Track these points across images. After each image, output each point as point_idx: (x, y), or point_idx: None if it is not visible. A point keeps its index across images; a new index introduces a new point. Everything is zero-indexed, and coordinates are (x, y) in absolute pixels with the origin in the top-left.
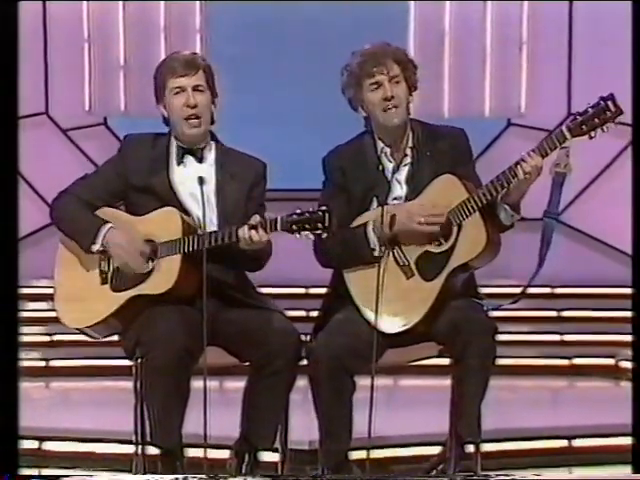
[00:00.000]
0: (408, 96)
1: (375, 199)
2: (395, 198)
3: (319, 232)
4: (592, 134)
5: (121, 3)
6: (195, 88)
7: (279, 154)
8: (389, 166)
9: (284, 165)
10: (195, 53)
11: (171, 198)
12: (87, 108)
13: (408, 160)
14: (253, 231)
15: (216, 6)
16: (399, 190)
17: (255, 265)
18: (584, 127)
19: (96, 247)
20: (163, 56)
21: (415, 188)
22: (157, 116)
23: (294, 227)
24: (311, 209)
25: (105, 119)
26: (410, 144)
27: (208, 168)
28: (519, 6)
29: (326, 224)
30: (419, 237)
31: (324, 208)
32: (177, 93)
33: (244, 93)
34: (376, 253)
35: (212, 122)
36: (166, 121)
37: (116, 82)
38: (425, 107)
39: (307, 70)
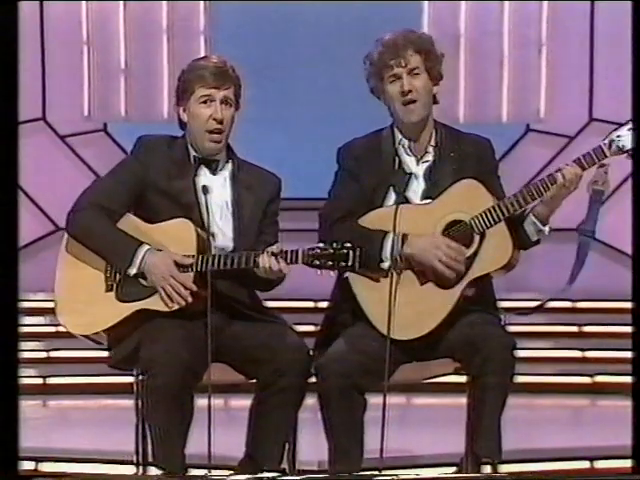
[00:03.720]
0: (431, 88)
1: (392, 189)
2: (412, 192)
3: (342, 270)
4: (631, 153)
5: (121, 3)
6: (224, 101)
7: (286, 159)
8: (407, 159)
9: (290, 171)
10: (225, 61)
11: (193, 207)
12: (86, 113)
13: (430, 157)
14: (273, 260)
15: (221, 5)
16: (416, 185)
17: (266, 287)
18: (623, 146)
19: (133, 271)
20: (165, 59)
21: (434, 185)
22: (159, 122)
23: (316, 262)
24: (334, 244)
25: (105, 125)
26: (433, 142)
27: (222, 180)
28: (538, 6)
29: (350, 262)
30: (431, 270)
31: (349, 245)
32: (204, 102)
33: (249, 96)
34: (384, 266)
35: None
36: (182, 125)
37: (116, 86)
38: (439, 112)
39: (316, 72)
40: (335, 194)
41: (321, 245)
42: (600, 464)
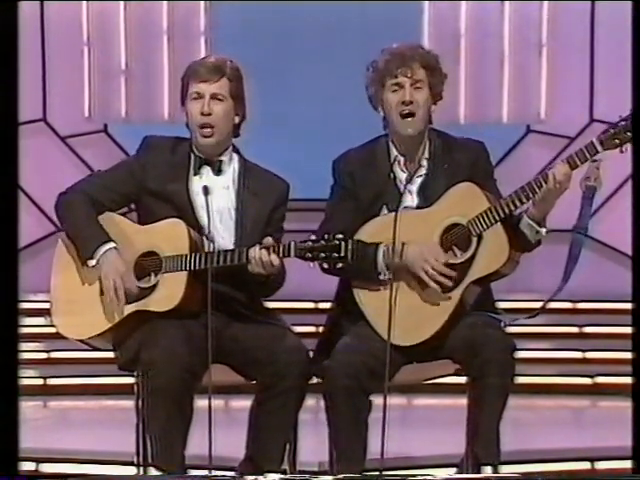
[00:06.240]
0: (430, 104)
1: (385, 207)
2: (406, 207)
3: (334, 261)
4: (623, 148)
5: (122, 3)
6: (214, 96)
7: (287, 160)
8: (401, 176)
9: (290, 172)
10: (226, 58)
11: (186, 209)
12: (87, 114)
13: (423, 171)
14: (264, 252)
15: (222, 6)
16: (410, 201)
17: (265, 290)
18: (616, 140)
19: (92, 263)
20: (166, 60)
21: (427, 200)
22: (159, 123)
23: (308, 255)
24: (326, 236)
25: (105, 126)
26: (426, 155)
27: (226, 183)
28: (539, 6)
29: (342, 253)
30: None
31: (340, 236)
32: (195, 98)
33: (251, 98)
34: (382, 277)
35: (236, 135)
36: (188, 126)
37: (117, 87)
38: (440, 112)
39: (317, 73)
40: (331, 213)
41: (313, 237)
42: (601, 465)
